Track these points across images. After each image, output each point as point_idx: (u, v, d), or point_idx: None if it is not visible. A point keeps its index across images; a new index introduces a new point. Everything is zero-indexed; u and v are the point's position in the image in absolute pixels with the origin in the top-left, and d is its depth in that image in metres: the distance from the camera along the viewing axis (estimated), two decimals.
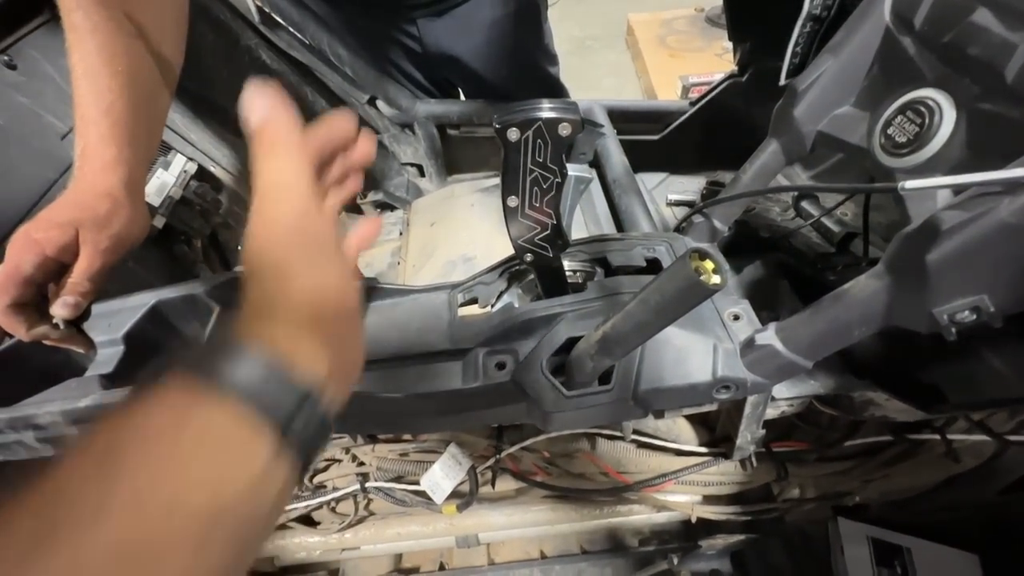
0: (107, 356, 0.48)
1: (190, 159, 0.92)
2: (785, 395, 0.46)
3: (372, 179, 1.25)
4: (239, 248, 1.04)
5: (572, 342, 0.44)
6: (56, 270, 0.50)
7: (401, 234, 1.09)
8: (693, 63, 2.53)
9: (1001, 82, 0.30)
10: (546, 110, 0.35)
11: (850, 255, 0.64)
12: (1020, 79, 0.29)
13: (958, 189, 0.31)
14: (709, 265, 0.29)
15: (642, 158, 1.02)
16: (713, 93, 0.98)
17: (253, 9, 1.01)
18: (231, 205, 0.98)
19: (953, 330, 0.31)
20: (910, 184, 0.31)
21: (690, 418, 0.70)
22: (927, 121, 0.33)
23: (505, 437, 0.69)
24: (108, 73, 0.52)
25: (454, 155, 1.24)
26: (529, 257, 0.44)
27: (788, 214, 0.77)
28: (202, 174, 0.94)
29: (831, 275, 0.58)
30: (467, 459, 0.52)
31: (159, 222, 0.81)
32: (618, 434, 0.70)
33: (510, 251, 0.46)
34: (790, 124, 0.44)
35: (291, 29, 1.05)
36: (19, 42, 0.74)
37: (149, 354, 0.49)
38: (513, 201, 0.39)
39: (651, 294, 0.32)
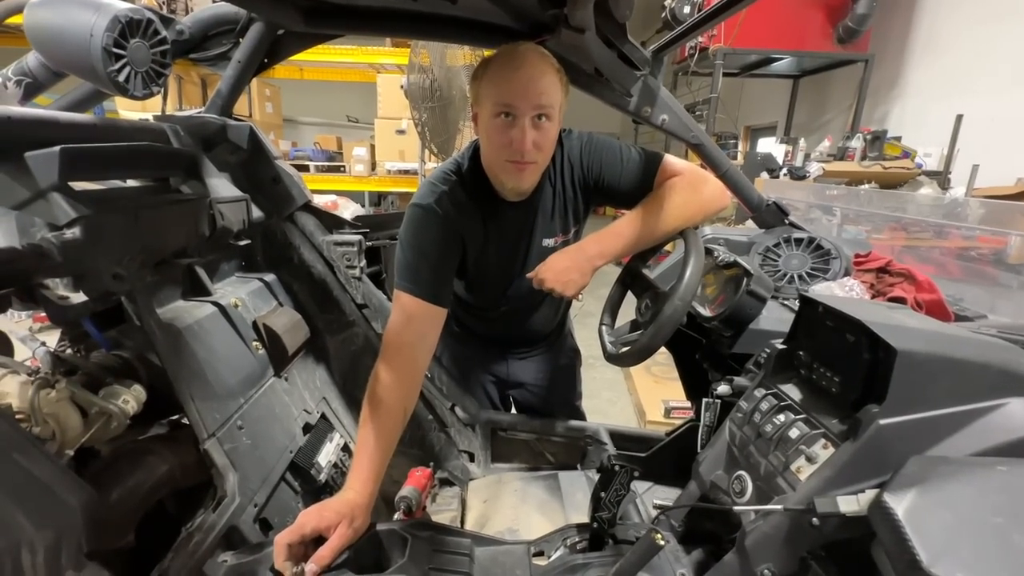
0: None
1: (340, 436, 1.43)
2: None
3: (439, 460, 1.72)
4: None
5: None
6: (316, 540, 0.80)
7: (463, 504, 1.49)
8: (672, 391, 3.24)
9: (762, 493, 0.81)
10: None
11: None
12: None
13: (758, 513, 0.79)
14: (659, 536, 0.75)
15: None
16: (678, 432, 1.53)
17: None
18: None
19: None
20: (736, 509, 0.79)
21: None
22: (744, 484, 0.83)
23: None
24: (377, 442, 0.91)
25: (498, 449, 1.75)
26: (595, 525, 0.88)
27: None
28: (345, 447, 1.42)
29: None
30: None
31: (321, 479, 1.25)
32: None
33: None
34: (699, 475, 0.94)
35: None
36: (289, 364, 1.36)
37: None
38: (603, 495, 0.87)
39: (637, 546, 0.77)
